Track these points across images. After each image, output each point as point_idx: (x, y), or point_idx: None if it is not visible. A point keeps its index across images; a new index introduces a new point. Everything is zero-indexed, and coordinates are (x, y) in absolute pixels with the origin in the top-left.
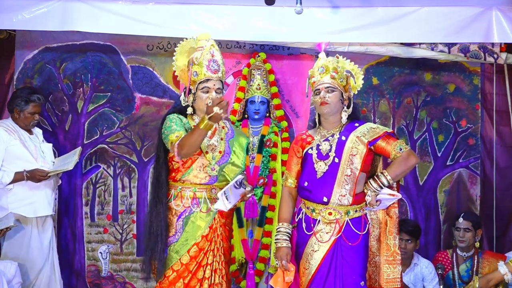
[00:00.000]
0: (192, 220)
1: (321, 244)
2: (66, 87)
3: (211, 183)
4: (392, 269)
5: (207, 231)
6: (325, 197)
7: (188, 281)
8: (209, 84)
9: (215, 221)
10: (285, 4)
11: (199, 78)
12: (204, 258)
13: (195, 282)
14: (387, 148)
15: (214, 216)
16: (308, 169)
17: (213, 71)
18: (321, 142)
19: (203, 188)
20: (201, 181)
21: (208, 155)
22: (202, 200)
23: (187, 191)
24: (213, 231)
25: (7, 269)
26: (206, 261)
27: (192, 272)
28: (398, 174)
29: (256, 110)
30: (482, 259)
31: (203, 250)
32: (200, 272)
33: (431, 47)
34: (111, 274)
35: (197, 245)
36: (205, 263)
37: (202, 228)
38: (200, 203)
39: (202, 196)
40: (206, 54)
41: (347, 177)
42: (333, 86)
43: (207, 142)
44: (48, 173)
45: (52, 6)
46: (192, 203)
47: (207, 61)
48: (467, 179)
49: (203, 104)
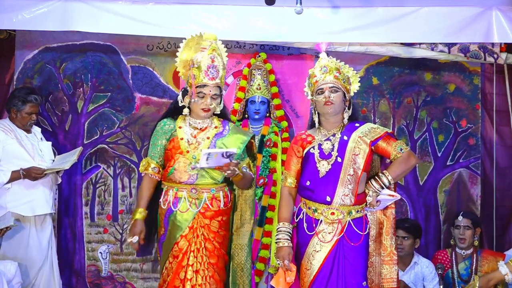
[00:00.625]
0: (172, 219)
1: (323, 244)
2: (66, 87)
3: (191, 183)
4: (388, 269)
5: (187, 231)
6: (328, 196)
7: (171, 279)
8: (205, 90)
9: (195, 221)
10: (285, 4)
11: (196, 82)
12: (184, 258)
13: (178, 282)
14: (387, 148)
15: (194, 216)
16: (310, 169)
17: (210, 78)
18: (323, 141)
19: (183, 187)
20: (181, 179)
21: (188, 154)
22: (182, 200)
23: (170, 190)
24: (193, 231)
25: (7, 269)
26: (186, 261)
27: (174, 272)
28: (398, 174)
29: (256, 110)
30: (481, 257)
31: (182, 250)
32: (182, 272)
33: (431, 47)
34: (111, 274)
35: (177, 245)
36: (185, 264)
37: (181, 228)
38: (179, 203)
39: (182, 196)
40: (207, 59)
41: (350, 176)
42: (336, 86)
43: (190, 141)
44: (44, 171)
45: (52, 6)
46: (173, 202)
47: (206, 66)
48: (467, 179)
49: (198, 109)
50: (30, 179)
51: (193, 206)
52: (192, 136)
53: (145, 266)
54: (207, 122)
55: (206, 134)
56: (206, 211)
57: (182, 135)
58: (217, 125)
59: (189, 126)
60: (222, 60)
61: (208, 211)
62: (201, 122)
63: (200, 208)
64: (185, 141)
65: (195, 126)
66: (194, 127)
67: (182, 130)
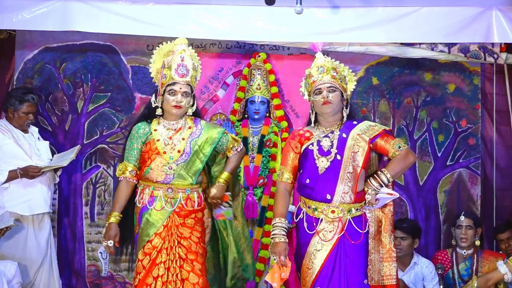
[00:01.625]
0: (146, 217)
1: (324, 243)
2: (66, 87)
3: (167, 182)
4: (388, 266)
5: (161, 229)
6: (328, 194)
7: (143, 277)
8: (176, 87)
9: (170, 220)
10: (285, 4)
11: (167, 81)
12: (158, 255)
13: (150, 279)
14: (385, 146)
15: (169, 215)
16: (309, 166)
17: (180, 75)
18: (322, 138)
19: (160, 186)
20: (157, 179)
21: (165, 155)
22: (158, 198)
23: (146, 189)
24: (167, 229)
25: (7, 269)
26: (160, 259)
27: (147, 269)
28: (397, 172)
29: (256, 110)
30: (482, 258)
31: (156, 248)
32: (155, 269)
33: (431, 47)
34: (111, 274)
35: (151, 242)
36: (159, 261)
37: (156, 226)
38: (155, 201)
39: (158, 195)
40: (176, 58)
41: (350, 174)
42: (334, 86)
43: (166, 142)
44: (41, 169)
45: (52, 6)
46: (149, 201)
47: (176, 64)
48: (467, 179)
49: (169, 106)
50: (27, 177)
51: (168, 205)
52: (167, 137)
53: None
54: (181, 123)
55: (181, 135)
56: (180, 210)
57: (158, 136)
58: (190, 125)
59: (164, 128)
60: (192, 62)
61: (183, 210)
62: (175, 123)
63: (175, 207)
64: (161, 142)
65: (169, 128)
66: (169, 128)
67: (157, 132)
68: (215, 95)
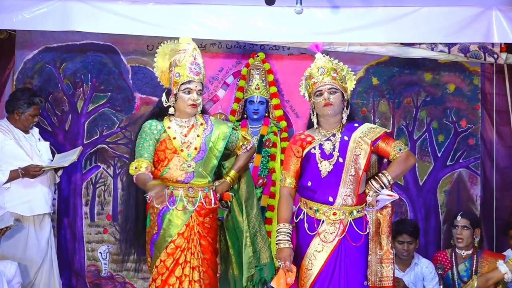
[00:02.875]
0: (168, 218)
1: (325, 244)
2: (66, 87)
3: (188, 181)
4: (385, 267)
5: (184, 229)
6: (330, 197)
7: (166, 277)
8: (191, 85)
9: (192, 219)
10: (285, 4)
11: (181, 80)
12: (182, 255)
13: (173, 280)
14: (386, 148)
15: (191, 214)
16: (312, 169)
17: (195, 73)
18: (323, 141)
19: (180, 186)
20: (177, 178)
21: (183, 153)
22: (179, 198)
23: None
24: (189, 229)
25: (7, 269)
26: (184, 258)
27: (170, 269)
28: (398, 174)
29: (255, 110)
30: (481, 258)
31: (180, 248)
32: (178, 269)
33: (431, 47)
34: (111, 274)
35: (174, 243)
36: (183, 261)
37: (178, 226)
38: (176, 201)
39: (179, 194)
40: (189, 57)
41: (352, 176)
42: (335, 87)
43: (182, 140)
44: (42, 168)
45: (52, 6)
46: (169, 201)
47: (189, 63)
48: (467, 179)
49: (185, 105)
50: (28, 177)
51: (190, 204)
52: (182, 135)
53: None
54: (193, 120)
55: (195, 132)
56: (201, 209)
57: (173, 134)
58: (202, 122)
59: (177, 125)
60: (202, 60)
61: (203, 209)
62: (187, 120)
63: (196, 207)
64: (178, 140)
65: (182, 125)
66: (181, 125)
67: (171, 130)
68: (215, 95)
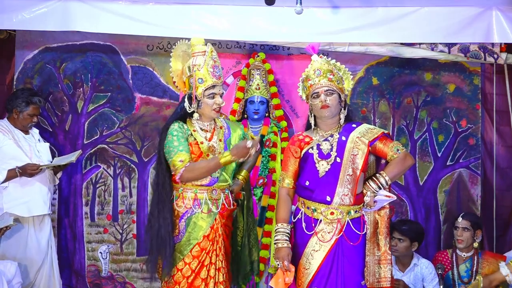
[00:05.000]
0: (194, 221)
1: (322, 243)
2: (66, 87)
3: (212, 184)
4: (383, 268)
5: (209, 231)
6: (328, 196)
7: (192, 280)
8: (215, 90)
9: (216, 221)
10: (285, 4)
11: (206, 85)
12: (207, 257)
13: (199, 282)
14: (384, 149)
15: (215, 216)
16: (309, 169)
17: (217, 77)
18: (321, 142)
19: (204, 189)
20: (202, 182)
21: (208, 158)
22: (203, 201)
23: (188, 192)
24: (214, 231)
25: (7, 269)
26: (209, 260)
27: (196, 272)
28: (395, 175)
29: (255, 110)
30: (482, 259)
31: (205, 250)
32: (203, 271)
33: (431, 47)
34: (111, 274)
35: (199, 245)
36: (208, 263)
37: (204, 229)
38: (201, 204)
39: (203, 197)
40: (209, 60)
41: (349, 176)
42: (331, 89)
43: (208, 144)
44: (40, 166)
45: (52, 6)
46: (194, 204)
47: (211, 67)
48: (467, 179)
49: (209, 110)
50: (26, 176)
51: (214, 207)
52: (207, 139)
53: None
54: (213, 123)
55: (217, 136)
56: (224, 211)
57: (200, 139)
58: (221, 125)
59: (200, 129)
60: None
61: (226, 210)
62: (209, 124)
63: (220, 209)
64: (205, 145)
65: (205, 129)
66: (204, 129)
67: (197, 134)
68: None
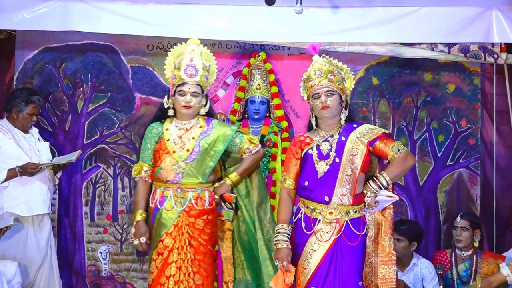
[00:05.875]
0: (158, 217)
1: (321, 243)
2: (66, 87)
3: (177, 181)
4: (387, 269)
5: (172, 229)
6: (326, 196)
7: (156, 276)
8: (185, 87)
9: (180, 219)
10: (285, 4)
11: (177, 82)
12: (170, 255)
13: (164, 279)
14: (385, 149)
15: (179, 214)
16: (309, 169)
17: (189, 75)
18: (321, 142)
19: (170, 186)
20: (167, 178)
21: (175, 154)
22: (168, 198)
23: (158, 189)
24: (178, 229)
25: (7, 269)
26: (171, 258)
27: (159, 269)
28: (396, 175)
29: (256, 110)
30: (481, 259)
31: (167, 248)
32: (167, 269)
33: (431, 47)
34: (111, 274)
35: (162, 242)
36: (171, 261)
37: (166, 226)
38: (165, 201)
39: (168, 194)
40: (185, 59)
41: (348, 176)
42: (332, 90)
43: (176, 141)
44: (39, 165)
45: (52, 6)
46: (160, 201)
47: (185, 65)
48: (467, 179)
49: (180, 107)
50: (26, 175)
51: (178, 204)
52: (177, 136)
53: (145, 266)
54: (193, 122)
55: (191, 134)
56: (190, 210)
57: (168, 136)
58: (202, 125)
59: (176, 127)
60: (203, 61)
61: (193, 210)
62: (187, 122)
63: (185, 207)
64: (171, 141)
65: (181, 127)
66: (180, 128)
67: (168, 132)
68: (215, 95)
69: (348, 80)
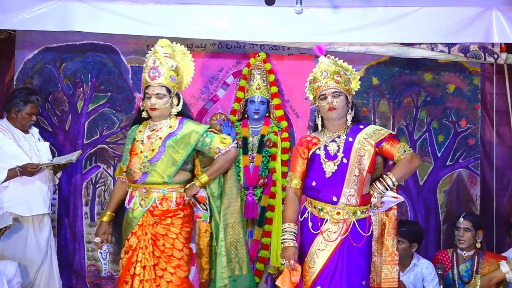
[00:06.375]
0: (126, 217)
1: (328, 243)
2: (66, 87)
3: (142, 181)
4: (390, 269)
5: (136, 228)
6: (334, 196)
7: (121, 275)
8: (149, 90)
9: (144, 219)
10: (285, 4)
11: (143, 85)
12: (134, 254)
13: (128, 277)
14: (391, 150)
15: (143, 214)
16: (316, 169)
17: (151, 78)
18: (328, 143)
19: (136, 186)
20: (134, 179)
21: (141, 154)
22: (134, 198)
23: (129, 189)
24: (142, 228)
25: (7, 269)
26: (135, 258)
27: (124, 267)
28: (402, 176)
29: (256, 110)
30: (482, 259)
31: (132, 247)
32: (132, 268)
33: (431, 47)
34: (111, 274)
35: (128, 241)
36: (134, 260)
37: (131, 225)
38: (132, 201)
39: (135, 194)
40: (149, 61)
41: (356, 177)
42: (338, 91)
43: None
44: (40, 165)
45: (52, 6)
46: (128, 201)
47: (148, 68)
48: (467, 179)
49: (148, 109)
50: (26, 175)
51: (143, 204)
52: (146, 137)
53: None
54: (164, 123)
55: (159, 134)
56: (154, 209)
57: (139, 137)
58: (172, 125)
59: (148, 129)
60: (168, 62)
61: (157, 210)
62: (158, 123)
63: (149, 207)
64: (139, 142)
65: (153, 128)
66: (152, 129)
67: (141, 133)
68: (215, 95)
69: (354, 81)
